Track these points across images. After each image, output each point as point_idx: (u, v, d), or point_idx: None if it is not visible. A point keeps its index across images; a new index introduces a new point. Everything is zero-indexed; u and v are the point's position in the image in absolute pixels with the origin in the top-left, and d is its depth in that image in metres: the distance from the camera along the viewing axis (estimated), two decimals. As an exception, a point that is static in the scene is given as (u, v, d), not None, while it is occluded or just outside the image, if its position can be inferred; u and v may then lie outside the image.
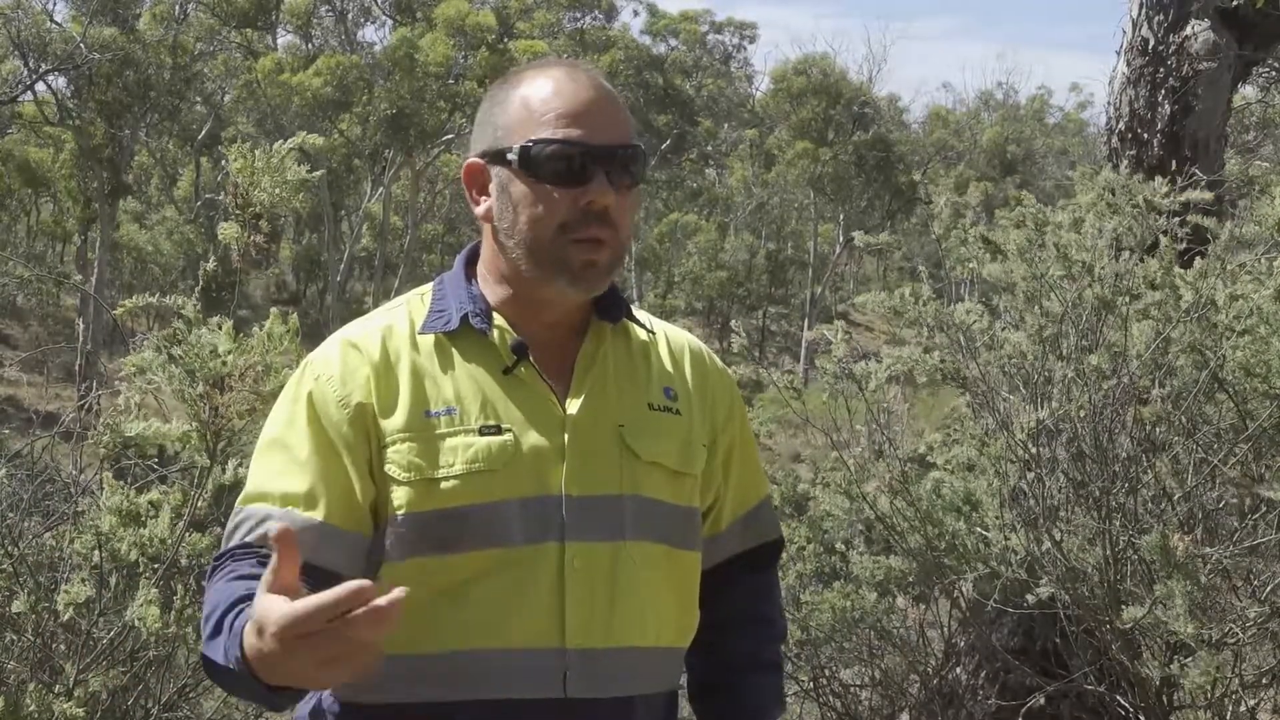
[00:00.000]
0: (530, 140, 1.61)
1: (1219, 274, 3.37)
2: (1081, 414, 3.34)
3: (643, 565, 1.64)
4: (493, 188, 1.66)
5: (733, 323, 11.91)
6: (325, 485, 1.59)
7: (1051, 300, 3.58)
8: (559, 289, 1.63)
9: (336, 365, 1.64)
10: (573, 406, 1.65)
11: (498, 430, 1.61)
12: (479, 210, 1.69)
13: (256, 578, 1.46)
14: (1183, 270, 3.49)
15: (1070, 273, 3.51)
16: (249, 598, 1.42)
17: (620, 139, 1.63)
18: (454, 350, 1.66)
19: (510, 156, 1.62)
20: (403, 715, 1.60)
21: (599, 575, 1.61)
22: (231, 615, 1.44)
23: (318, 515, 1.57)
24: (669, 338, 1.81)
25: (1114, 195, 3.68)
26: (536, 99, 1.63)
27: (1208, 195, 3.59)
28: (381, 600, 1.22)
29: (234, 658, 1.38)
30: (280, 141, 3.10)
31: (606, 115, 1.63)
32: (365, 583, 1.23)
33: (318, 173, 3.26)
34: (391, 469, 1.60)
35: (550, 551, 1.59)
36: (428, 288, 1.75)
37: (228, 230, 2.91)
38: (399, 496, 1.59)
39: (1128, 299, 3.45)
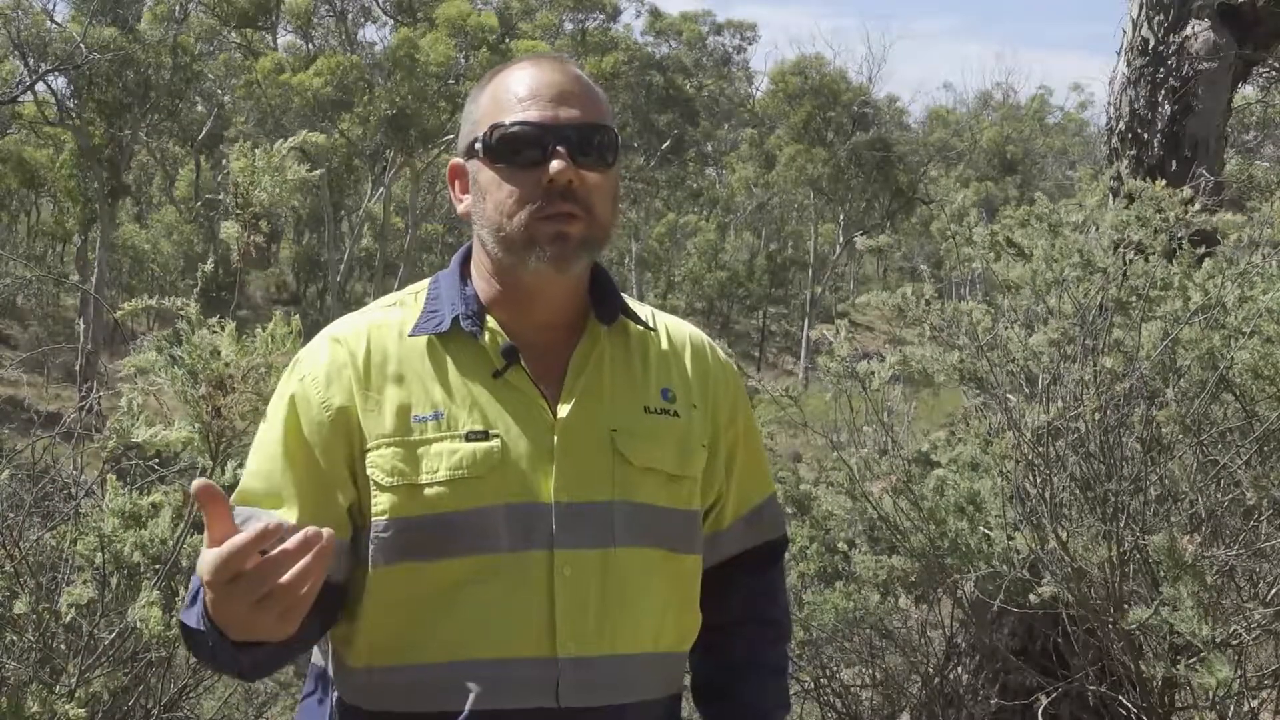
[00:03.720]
0: (491, 125, 1.62)
1: (1236, 278, 3.36)
2: (1096, 417, 3.34)
3: (637, 571, 1.62)
4: (470, 182, 1.66)
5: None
6: (300, 487, 1.60)
7: (1065, 300, 3.57)
8: (533, 268, 1.61)
9: (322, 366, 1.64)
10: (563, 411, 1.63)
11: (485, 436, 1.59)
12: (460, 209, 1.69)
13: None
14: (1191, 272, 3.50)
15: (1088, 275, 3.51)
16: None
17: (582, 118, 1.62)
18: (444, 352, 1.64)
19: (478, 146, 1.63)
20: None
21: (590, 583, 1.59)
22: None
23: (291, 518, 1.58)
24: (670, 333, 1.78)
25: (1134, 202, 3.68)
26: (502, 88, 1.64)
27: (1239, 219, 3.60)
28: (290, 543, 1.31)
29: (199, 616, 1.46)
30: (281, 141, 3.09)
31: (569, 96, 1.62)
32: (281, 521, 1.33)
33: (318, 172, 3.25)
34: (374, 473, 1.59)
35: (539, 559, 1.58)
36: (422, 285, 1.74)
37: (229, 230, 2.91)
38: (382, 501, 1.59)
39: (1143, 301, 3.45)
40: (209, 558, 1.33)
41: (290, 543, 1.31)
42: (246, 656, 1.46)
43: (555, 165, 1.58)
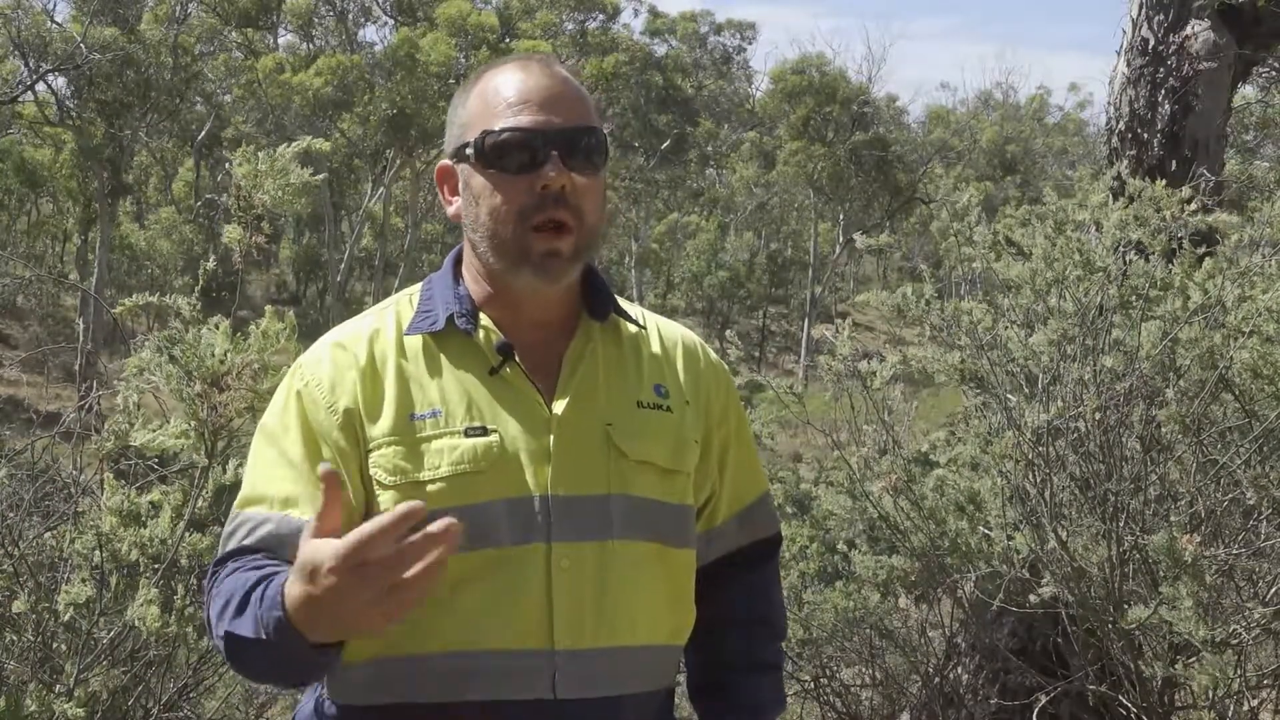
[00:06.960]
0: (483, 131, 1.62)
1: (1236, 279, 3.36)
2: (1096, 417, 3.34)
3: (633, 564, 1.64)
4: (460, 186, 1.67)
5: (727, 333, 12.15)
6: (317, 488, 1.59)
7: (1065, 300, 3.57)
8: (525, 280, 1.63)
9: (326, 370, 1.65)
10: (559, 406, 1.64)
11: (483, 431, 1.61)
12: (450, 211, 1.70)
13: (268, 566, 1.51)
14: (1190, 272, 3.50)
15: (1089, 274, 3.52)
16: (269, 578, 1.46)
17: (572, 122, 1.63)
18: (440, 351, 1.66)
19: (468, 151, 1.64)
20: (397, 716, 1.60)
21: (587, 575, 1.61)
22: (258, 592, 1.46)
23: (312, 518, 1.58)
24: (661, 332, 1.80)
25: (1134, 202, 3.68)
26: (490, 91, 1.65)
27: (1234, 220, 3.60)
28: (434, 526, 1.27)
29: (272, 619, 1.40)
30: (286, 145, 3.09)
31: (558, 100, 1.63)
32: (416, 503, 1.28)
33: (320, 176, 3.25)
34: (377, 473, 1.60)
35: (537, 552, 1.59)
36: (416, 288, 1.76)
37: (231, 232, 2.91)
38: (385, 501, 1.60)
39: (1143, 301, 3.45)
40: (336, 545, 1.29)
41: (435, 526, 1.27)
42: (323, 658, 1.42)
43: (550, 172, 1.59)
